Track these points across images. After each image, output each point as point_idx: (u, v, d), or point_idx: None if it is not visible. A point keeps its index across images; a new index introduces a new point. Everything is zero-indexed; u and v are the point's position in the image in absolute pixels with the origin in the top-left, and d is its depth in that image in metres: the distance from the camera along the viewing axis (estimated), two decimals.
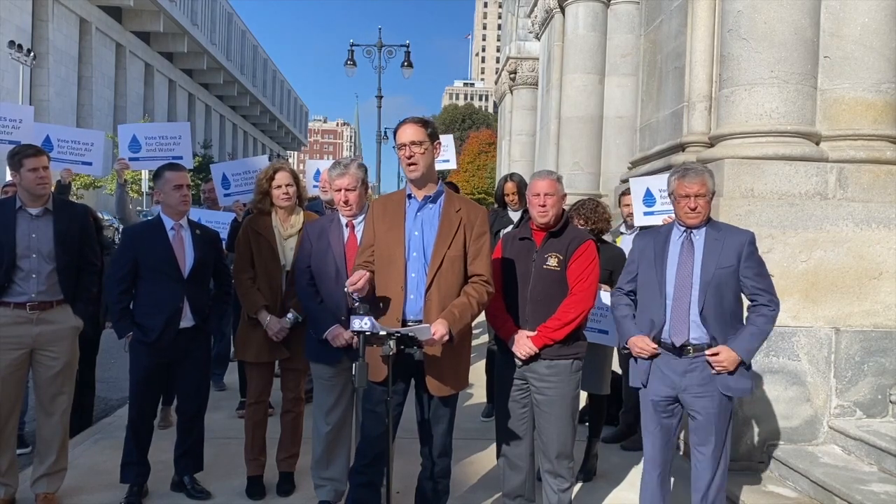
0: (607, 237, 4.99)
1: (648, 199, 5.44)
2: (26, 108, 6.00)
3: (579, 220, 4.53)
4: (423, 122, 3.21)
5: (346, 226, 3.85)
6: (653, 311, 3.46)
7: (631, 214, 5.39)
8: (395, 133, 3.23)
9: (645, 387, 3.52)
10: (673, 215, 5.26)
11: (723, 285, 3.35)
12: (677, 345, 3.40)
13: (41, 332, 3.82)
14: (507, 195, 5.93)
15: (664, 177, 5.51)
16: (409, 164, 3.15)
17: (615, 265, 4.61)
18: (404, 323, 3.12)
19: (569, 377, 3.54)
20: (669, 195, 3.57)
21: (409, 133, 3.15)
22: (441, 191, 3.27)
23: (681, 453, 4.74)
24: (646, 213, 5.43)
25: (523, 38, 15.83)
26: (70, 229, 3.91)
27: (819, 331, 4.83)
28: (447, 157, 7.18)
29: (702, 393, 3.37)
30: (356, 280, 3.03)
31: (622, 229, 5.66)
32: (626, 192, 5.54)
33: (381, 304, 3.18)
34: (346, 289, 3.10)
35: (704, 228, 3.45)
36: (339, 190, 3.78)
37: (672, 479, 3.64)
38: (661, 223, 5.27)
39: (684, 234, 3.47)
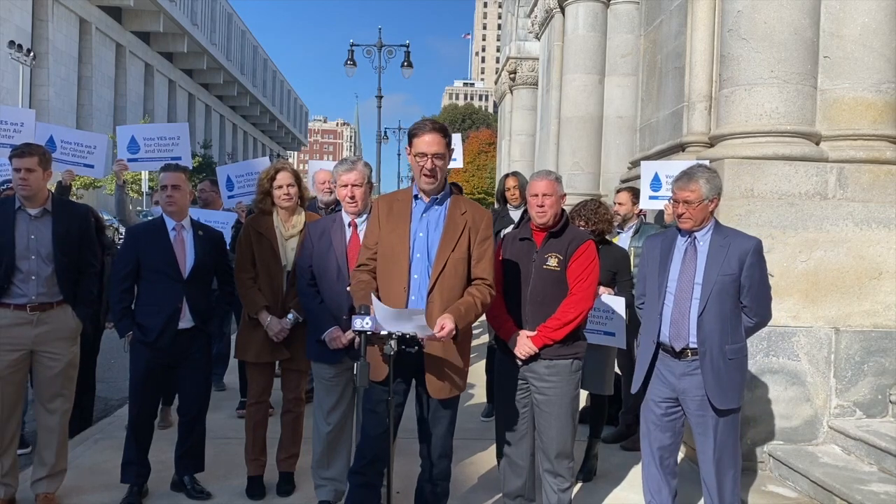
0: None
1: (655, 183, 5.46)
2: (28, 112, 5.99)
3: (581, 222, 4.53)
4: (445, 132, 3.15)
5: (349, 225, 3.85)
6: (655, 314, 3.47)
7: (624, 214, 5.41)
8: (412, 136, 3.16)
9: (639, 392, 3.54)
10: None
11: (724, 292, 3.33)
12: (677, 349, 3.41)
13: (40, 333, 3.80)
14: (509, 189, 5.98)
15: (672, 163, 5.54)
16: (429, 176, 3.13)
17: (619, 266, 4.61)
18: None
19: (568, 377, 3.54)
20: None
21: (435, 145, 3.11)
22: (448, 193, 3.25)
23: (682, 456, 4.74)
24: (651, 197, 5.46)
25: (523, 38, 15.81)
26: (69, 230, 3.87)
27: (819, 331, 4.83)
28: (454, 155, 7.20)
29: (700, 396, 3.38)
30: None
31: (617, 229, 5.68)
32: (619, 192, 5.56)
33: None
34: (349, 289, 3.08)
35: (709, 234, 3.42)
36: (346, 185, 3.79)
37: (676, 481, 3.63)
38: (663, 207, 5.29)
39: (688, 239, 3.45)
